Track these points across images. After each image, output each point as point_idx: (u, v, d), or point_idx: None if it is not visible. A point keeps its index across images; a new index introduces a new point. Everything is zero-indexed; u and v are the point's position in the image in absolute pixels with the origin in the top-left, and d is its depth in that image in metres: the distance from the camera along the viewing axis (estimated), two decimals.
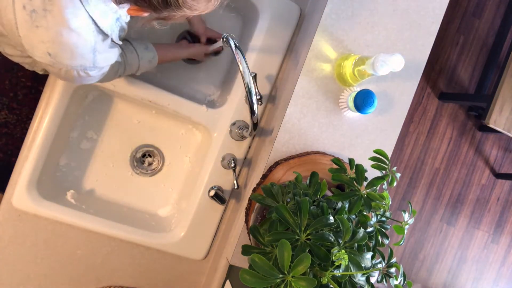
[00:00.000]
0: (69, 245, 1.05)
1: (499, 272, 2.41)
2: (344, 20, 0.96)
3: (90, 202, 1.10)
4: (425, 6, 1.00)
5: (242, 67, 0.84)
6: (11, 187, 1.00)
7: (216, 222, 1.12)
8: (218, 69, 1.19)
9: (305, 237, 0.64)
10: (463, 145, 2.25)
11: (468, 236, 2.33)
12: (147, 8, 0.66)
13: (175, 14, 0.67)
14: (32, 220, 1.02)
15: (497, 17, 2.21)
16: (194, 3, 0.65)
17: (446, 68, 2.18)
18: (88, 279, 1.07)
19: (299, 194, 0.72)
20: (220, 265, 1.02)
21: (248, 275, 0.56)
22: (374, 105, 0.90)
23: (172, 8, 0.65)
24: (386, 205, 0.73)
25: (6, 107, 1.50)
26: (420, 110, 2.17)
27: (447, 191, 2.26)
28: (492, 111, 1.76)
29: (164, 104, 1.05)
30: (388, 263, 0.74)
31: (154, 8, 0.65)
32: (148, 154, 1.18)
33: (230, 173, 1.10)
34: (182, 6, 0.64)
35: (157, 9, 0.65)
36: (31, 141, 1.00)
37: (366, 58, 0.87)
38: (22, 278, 1.03)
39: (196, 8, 0.66)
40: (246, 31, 1.16)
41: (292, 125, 0.95)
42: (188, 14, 0.68)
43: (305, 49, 0.98)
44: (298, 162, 0.93)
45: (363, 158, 0.99)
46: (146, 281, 1.11)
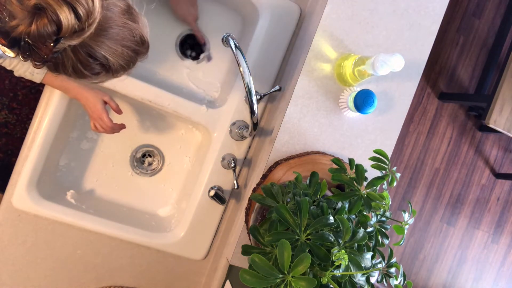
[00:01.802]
0: (69, 245, 1.05)
1: (499, 272, 2.41)
2: (344, 20, 0.96)
3: (90, 202, 1.10)
4: (425, 6, 1.00)
5: (242, 67, 0.84)
6: (11, 187, 1.00)
7: (216, 222, 1.12)
8: (218, 69, 1.19)
9: (305, 237, 0.64)
10: (463, 145, 2.25)
11: (468, 236, 2.33)
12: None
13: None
14: (32, 220, 1.02)
15: (497, 17, 2.21)
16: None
17: (446, 68, 2.18)
18: (88, 279, 1.07)
19: (299, 194, 0.72)
20: (220, 265, 1.02)
21: (248, 275, 0.56)
22: (374, 105, 0.90)
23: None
24: (386, 205, 0.73)
25: (6, 107, 1.50)
26: (420, 110, 2.17)
27: (447, 191, 2.26)
28: (492, 111, 1.76)
29: (164, 104, 1.05)
30: (388, 263, 0.74)
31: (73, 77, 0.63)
32: (148, 154, 1.18)
33: (230, 173, 1.10)
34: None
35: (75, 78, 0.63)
36: (31, 141, 1.00)
37: (366, 58, 0.87)
38: (22, 278, 1.03)
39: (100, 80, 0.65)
40: (246, 31, 1.16)
41: (292, 125, 0.95)
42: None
43: (305, 49, 0.98)
44: (298, 162, 0.92)
45: (363, 158, 0.99)
46: (146, 281, 1.11)
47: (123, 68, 0.66)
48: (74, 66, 0.60)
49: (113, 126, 0.98)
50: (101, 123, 0.97)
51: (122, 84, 1.02)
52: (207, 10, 1.17)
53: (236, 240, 0.96)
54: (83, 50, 0.58)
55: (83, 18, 0.54)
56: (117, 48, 0.62)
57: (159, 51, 1.14)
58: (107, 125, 0.97)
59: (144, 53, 0.70)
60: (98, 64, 0.61)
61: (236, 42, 0.84)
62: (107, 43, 0.60)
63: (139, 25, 0.66)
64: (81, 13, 0.53)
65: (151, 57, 1.14)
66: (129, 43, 0.64)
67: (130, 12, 0.64)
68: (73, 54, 0.58)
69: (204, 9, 1.17)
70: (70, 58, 0.59)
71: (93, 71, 0.62)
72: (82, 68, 0.60)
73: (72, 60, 0.59)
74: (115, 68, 0.64)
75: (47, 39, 0.54)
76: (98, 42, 0.59)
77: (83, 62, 0.60)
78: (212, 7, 1.17)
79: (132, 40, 0.64)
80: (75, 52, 0.58)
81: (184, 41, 1.17)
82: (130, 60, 0.66)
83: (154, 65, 1.14)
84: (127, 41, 0.63)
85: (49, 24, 0.52)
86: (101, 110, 0.96)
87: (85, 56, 0.59)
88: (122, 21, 0.62)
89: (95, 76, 0.63)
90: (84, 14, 0.54)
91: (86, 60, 0.60)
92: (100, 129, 0.98)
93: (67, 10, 0.52)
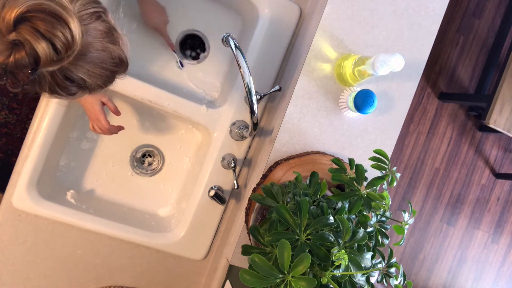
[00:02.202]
0: (69, 245, 1.05)
1: (499, 272, 2.41)
2: (344, 20, 0.96)
3: (90, 202, 1.10)
4: (425, 6, 1.00)
5: (242, 67, 0.84)
6: (11, 187, 1.00)
7: (216, 222, 1.12)
8: (218, 69, 1.19)
9: (305, 237, 0.64)
10: (463, 145, 2.25)
11: (468, 236, 2.33)
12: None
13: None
14: (32, 220, 1.02)
15: (497, 17, 2.21)
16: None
17: (446, 68, 2.18)
18: (88, 279, 1.07)
19: (299, 194, 0.72)
20: (220, 265, 1.02)
21: (248, 275, 0.56)
22: (374, 105, 0.90)
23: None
24: (386, 205, 0.73)
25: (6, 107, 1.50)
26: (420, 110, 2.17)
27: (447, 191, 2.26)
28: (492, 111, 1.76)
29: (164, 104, 1.05)
30: (388, 263, 0.74)
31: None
32: (148, 154, 1.19)
33: (230, 173, 1.10)
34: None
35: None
36: (31, 141, 1.00)
37: (366, 58, 0.87)
38: (22, 278, 1.03)
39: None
40: (246, 31, 1.16)
41: (292, 125, 0.95)
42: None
43: (305, 49, 0.98)
44: (298, 162, 0.92)
45: (363, 158, 0.99)
46: (146, 281, 1.11)
47: (100, 87, 0.65)
48: (51, 87, 0.59)
49: (109, 128, 0.98)
50: (98, 124, 0.97)
51: (122, 84, 1.02)
52: (207, 10, 1.17)
53: (236, 240, 0.96)
54: (60, 74, 0.58)
55: (62, 51, 0.54)
56: (96, 71, 0.62)
57: (159, 51, 1.14)
58: (104, 126, 0.97)
59: (122, 72, 0.69)
60: (75, 85, 0.61)
61: (236, 42, 0.84)
62: (86, 66, 0.60)
63: (119, 46, 0.66)
64: (59, 47, 0.53)
65: (151, 57, 1.14)
66: (108, 65, 0.64)
67: (110, 34, 0.64)
68: (50, 77, 0.58)
69: (204, 9, 1.17)
70: (47, 80, 0.58)
71: (70, 92, 0.62)
72: (59, 89, 0.60)
73: (49, 82, 0.59)
74: (92, 87, 0.64)
75: (25, 69, 0.54)
76: (76, 66, 0.59)
77: (60, 85, 0.59)
78: (212, 7, 1.17)
79: (111, 62, 0.64)
80: (53, 75, 0.58)
81: (184, 41, 1.17)
82: (107, 80, 0.66)
83: (154, 65, 1.14)
84: (106, 63, 0.63)
85: (26, 57, 0.52)
86: (99, 111, 0.96)
87: (62, 79, 0.59)
88: (102, 45, 0.61)
89: (71, 96, 0.63)
90: (63, 48, 0.54)
91: (63, 82, 0.59)
92: (97, 130, 0.99)
93: (44, 45, 0.52)
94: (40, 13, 0.52)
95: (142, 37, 1.13)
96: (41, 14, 0.52)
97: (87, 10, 0.59)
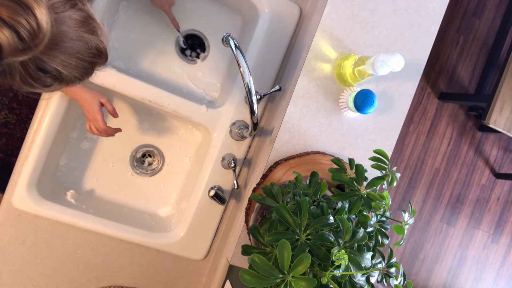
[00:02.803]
0: (69, 245, 1.05)
1: (499, 272, 2.41)
2: (344, 20, 0.96)
3: (90, 202, 1.10)
4: (425, 6, 1.00)
5: (242, 67, 0.84)
6: (11, 187, 1.00)
7: (216, 222, 1.12)
8: (218, 69, 1.19)
9: (305, 237, 0.64)
10: (463, 145, 2.25)
11: (468, 236, 2.33)
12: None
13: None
14: (32, 220, 1.02)
15: (497, 17, 2.21)
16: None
17: (446, 68, 2.18)
18: (88, 279, 1.07)
19: (299, 194, 0.72)
20: (220, 265, 1.02)
21: (248, 275, 0.56)
22: (374, 105, 0.90)
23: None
24: (386, 205, 0.73)
25: (6, 107, 1.50)
26: (420, 110, 2.17)
27: (447, 191, 2.26)
28: (492, 111, 1.76)
29: (164, 104, 1.05)
30: (388, 263, 0.74)
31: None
32: (148, 154, 1.19)
33: (230, 173, 1.10)
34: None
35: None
36: (31, 141, 1.00)
37: (366, 58, 0.87)
38: (22, 278, 1.03)
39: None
40: (246, 31, 1.16)
41: (292, 125, 0.95)
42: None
43: (305, 49, 0.98)
44: (298, 162, 0.92)
45: (363, 158, 0.99)
46: (146, 281, 1.11)
47: (78, 79, 0.63)
48: (23, 78, 0.57)
49: (106, 129, 0.97)
50: (95, 124, 0.97)
51: (122, 84, 1.02)
52: (207, 10, 1.17)
53: (236, 240, 0.96)
54: (32, 64, 0.55)
55: (27, 39, 0.51)
56: (71, 62, 0.59)
57: (159, 51, 1.14)
58: (100, 127, 0.97)
59: (102, 63, 0.66)
60: (49, 76, 0.58)
61: (236, 42, 0.84)
62: (60, 57, 0.57)
63: (97, 36, 0.63)
64: (23, 35, 0.50)
65: (151, 57, 1.14)
66: (85, 56, 0.61)
67: (87, 23, 0.61)
68: (21, 67, 0.55)
69: (204, 9, 1.17)
70: (18, 70, 0.55)
71: (44, 84, 0.59)
72: (32, 80, 0.57)
73: (20, 73, 0.56)
74: (69, 79, 0.61)
75: None
76: (49, 56, 0.56)
77: (32, 76, 0.57)
78: (212, 7, 1.17)
79: (88, 53, 0.61)
80: (24, 65, 0.55)
81: (184, 41, 1.17)
82: (85, 71, 0.63)
83: (154, 65, 1.14)
84: (82, 54, 0.60)
85: None
86: (97, 112, 0.96)
87: (34, 69, 0.56)
88: (77, 34, 0.59)
89: (47, 88, 0.61)
90: (28, 36, 0.51)
91: (35, 73, 0.56)
92: (94, 130, 0.98)
93: (6, 32, 0.49)
94: (4, 0, 0.49)
95: (142, 37, 1.13)
96: (5, 0, 0.49)
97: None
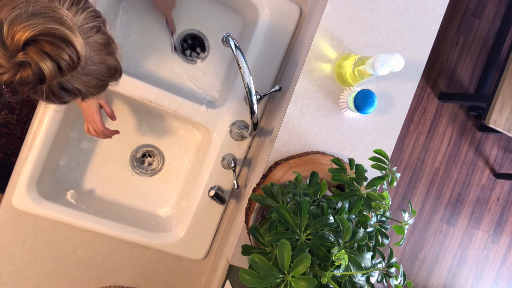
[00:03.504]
0: (69, 245, 1.05)
1: (499, 272, 2.41)
2: (344, 20, 0.96)
3: (90, 202, 1.10)
4: (425, 6, 1.00)
5: (242, 67, 0.84)
6: (11, 187, 1.00)
7: (216, 222, 1.12)
8: (218, 69, 1.19)
9: (305, 237, 0.64)
10: (463, 145, 2.25)
11: (468, 236, 2.33)
12: None
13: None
14: (32, 220, 1.02)
15: (497, 17, 2.21)
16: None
17: (446, 68, 2.18)
18: (88, 279, 1.07)
19: (299, 194, 0.72)
20: (220, 265, 1.02)
21: (248, 275, 0.56)
22: (374, 105, 0.90)
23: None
24: (386, 205, 0.73)
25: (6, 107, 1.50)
26: (420, 110, 2.17)
27: (447, 191, 2.26)
28: (492, 111, 1.76)
29: (164, 104, 1.05)
30: (388, 263, 0.74)
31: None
32: (148, 154, 1.19)
33: (230, 173, 1.10)
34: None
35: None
36: (31, 141, 1.00)
37: (366, 58, 0.87)
38: (22, 278, 1.03)
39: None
40: (246, 31, 1.16)
41: (292, 125, 0.95)
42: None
43: (305, 49, 0.98)
44: (298, 162, 0.92)
45: (363, 158, 0.99)
46: (146, 281, 1.11)
47: (93, 95, 0.66)
48: (47, 96, 0.60)
49: (104, 130, 0.98)
50: (93, 125, 0.97)
51: (122, 84, 1.02)
52: (207, 10, 1.17)
53: (236, 240, 0.96)
54: (58, 85, 0.59)
55: (66, 71, 0.55)
56: (92, 81, 0.63)
57: (159, 52, 1.14)
58: (98, 128, 0.97)
59: (116, 80, 0.70)
60: (70, 95, 0.62)
61: (236, 42, 0.84)
62: (83, 78, 0.61)
63: (115, 56, 0.67)
64: (64, 67, 0.55)
65: (151, 57, 1.14)
66: (104, 76, 0.65)
67: (109, 45, 0.64)
68: (47, 88, 0.59)
69: (204, 9, 1.17)
70: (44, 90, 0.59)
71: (63, 101, 0.63)
72: (54, 98, 0.61)
73: (46, 92, 0.59)
74: (86, 96, 0.65)
75: (29, 86, 0.55)
76: (74, 78, 0.60)
77: (55, 94, 0.60)
78: (212, 7, 1.17)
79: (107, 73, 0.65)
80: (50, 86, 0.59)
81: (184, 41, 1.17)
82: (101, 88, 0.66)
83: (154, 65, 1.14)
84: (102, 75, 0.64)
85: (32, 76, 0.54)
86: (95, 113, 0.96)
87: (58, 89, 0.60)
88: (100, 58, 0.62)
89: (64, 103, 0.64)
90: (67, 67, 0.55)
91: (59, 92, 0.60)
92: (92, 132, 0.99)
93: (50, 65, 0.53)
94: (49, 37, 0.53)
95: (142, 37, 1.13)
96: (50, 37, 0.53)
97: (88, 24, 0.60)
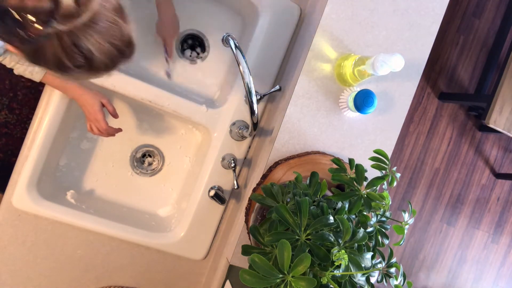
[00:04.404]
0: (69, 245, 1.05)
1: (499, 272, 2.41)
2: (344, 20, 0.96)
3: (90, 202, 1.10)
4: (425, 6, 1.00)
5: (242, 67, 0.84)
6: (11, 187, 1.00)
7: (216, 222, 1.12)
8: (218, 69, 1.19)
9: (305, 237, 0.64)
10: (463, 145, 2.25)
11: (468, 236, 2.33)
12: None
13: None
14: (32, 220, 1.02)
15: (497, 17, 2.21)
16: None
17: (446, 68, 2.18)
18: (88, 279, 1.07)
19: (299, 194, 0.72)
20: (220, 265, 1.02)
21: (248, 275, 0.56)
22: (374, 105, 0.90)
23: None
24: (386, 205, 0.73)
25: (6, 107, 1.50)
26: (420, 110, 2.17)
27: (447, 191, 2.26)
28: (492, 111, 1.76)
29: (164, 104, 1.05)
30: (388, 263, 0.74)
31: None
32: (148, 154, 1.19)
33: (230, 173, 1.10)
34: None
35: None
36: (31, 141, 1.00)
37: (366, 58, 0.87)
38: (22, 278, 1.03)
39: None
40: (246, 31, 1.16)
41: (292, 125, 0.95)
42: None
43: (305, 49, 0.98)
44: (298, 162, 0.92)
45: (363, 158, 0.99)
46: (146, 281, 1.11)
47: (105, 67, 0.64)
48: (56, 53, 0.57)
49: (107, 129, 0.98)
50: (97, 124, 0.97)
51: (122, 84, 1.02)
52: (207, 10, 1.17)
53: (236, 240, 0.96)
54: (68, 38, 0.56)
55: (82, 2, 0.53)
56: (104, 44, 0.60)
57: (159, 52, 1.14)
58: (102, 127, 0.97)
59: (129, 56, 0.68)
60: (81, 55, 0.59)
61: (236, 42, 0.84)
62: (95, 36, 0.58)
63: (129, 26, 0.65)
64: (80, 1, 0.53)
65: (151, 57, 1.14)
66: (117, 42, 0.62)
67: (121, 11, 0.63)
68: (58, 40, 0.56)
69: (204, 9, 1.17)
70: (53, 44, 0.56)
71: (75, 63, 0.59)
72: (64, 56, 0.58)
73: (54, 48, 0.57)
74: (97, 64, 0.62)
75: (40, 17, 0.52)
76: (86, 33, 0.57)
77: (66, 50, 0.57)
78: (212, 7, 1.17)
79: (120, 39, 0.63)
80: (60, 38, 0.56)
81: (184, 41, 1.17)
82: (114, 60, 0.64)
83: (154, 65, 1.14)
84: (115, 39, 0.62)
85: (47, 0, 0.51)
86: (98, 112, 0.96)
87: (69, 43, 0.57)
88: (113, 18, 0.60)
89: (76, 69, 0.61)
90: (83, 2, 0.53)
91: (69, 48, 0.57)
92: (95, 131, 0.98)
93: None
94: None
95: (143, 38, 1.13)
96: None
97: None
